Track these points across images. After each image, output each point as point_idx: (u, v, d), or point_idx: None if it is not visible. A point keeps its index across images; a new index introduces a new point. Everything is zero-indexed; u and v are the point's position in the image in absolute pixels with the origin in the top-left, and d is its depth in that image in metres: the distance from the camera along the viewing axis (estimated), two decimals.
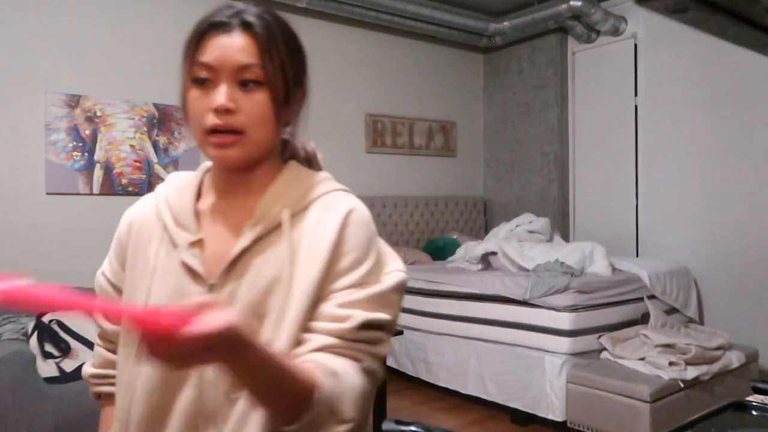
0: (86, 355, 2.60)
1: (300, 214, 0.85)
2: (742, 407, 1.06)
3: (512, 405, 3.19)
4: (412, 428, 0.85)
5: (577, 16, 4.55)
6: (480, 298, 3.44)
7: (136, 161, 3.66)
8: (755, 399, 1.08)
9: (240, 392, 0.78)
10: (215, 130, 0.81)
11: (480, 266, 3.90)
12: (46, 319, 2.69)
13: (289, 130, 0.94)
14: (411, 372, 3.80)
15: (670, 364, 2.81)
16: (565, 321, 3.04)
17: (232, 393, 0.79)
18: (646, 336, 3.06)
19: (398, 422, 0.86)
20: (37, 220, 3.32)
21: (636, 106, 4.53)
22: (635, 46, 4.53)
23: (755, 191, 3.87)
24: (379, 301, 0.81)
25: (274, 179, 0.88)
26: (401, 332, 2.84)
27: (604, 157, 4.74)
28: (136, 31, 3.66)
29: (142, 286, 0.87)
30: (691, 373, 2.82)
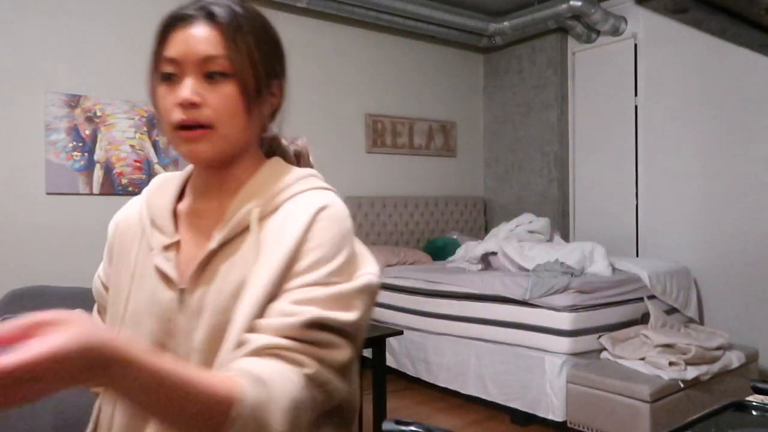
0: None
1: (271, 214, 0.80)
2: (742, 407, 1.06)
3: (512, 405, 3.19)
4: (412, 428, 0.84)
5: (577, 16, 4.55)
6: (480, 298, 3.44)
7: (136, 161, 3.66)
8: (755, 399, 1.08)
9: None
10: (183, 126, 0.78)
11: (480, 266, 3.90)
12: None
13: (275, 125, 0.90)
14: (411, 372, 3.80)
15: (670, 364, 2.81)
16: (565, 321, 3.03)
17: None
18: (646, 336, 3.06)
19: (398, 422, 0.85)
20: (37, 220, 3.32)
21: (636, 106, 4.53)
22: (635, 46, 4.53)
23: (755, 191, 3.87)
24: (339, 301, 0.73)
25: (251, 178, 0.84)
26: (401, 332, 2.84)
27: (604, 157, 4.74)
28: (136, 31, 3.65)
29: (123, 289, 0.85)
30: (691, 373, 2.82)
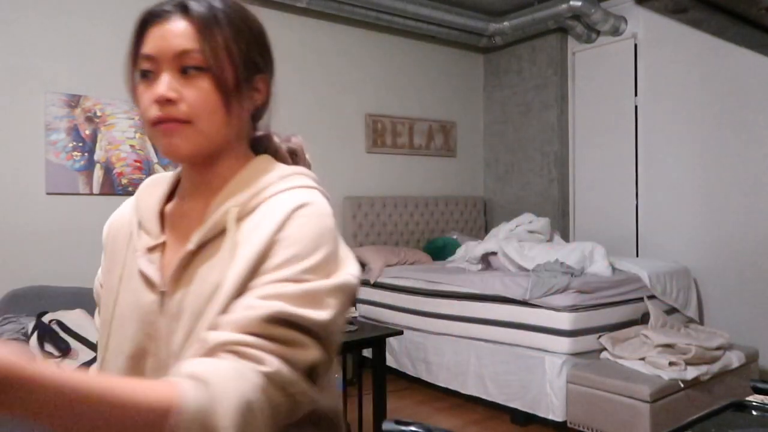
0: (86, 355, 2.60)
1: (250, 213, 0.77)
2: (742, 407, 1.06)
3: (512, 405, 3.19)
4: (412, 428, 0.84)
5: (577, 16, 4.55)
6: (480, 298, 3.44)
7: (136, 161, 3.66)
8: (755, 399, 1.08)
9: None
10: (159, 122, 0.76)
11: (480, 266, 3.90)
12: (46, 319, 2.70)
13: (263, 123, 0.88)
14: (411, 372, 3.80)
15: (670, 364, 2.81)
16: (565, 321, 3.03)
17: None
18: (646, 336, 3.06)
19: (398, 422, 0.85)
20: (37, 220, 3.32)
21: (636, 106, 4.53)
22: (635, 46, 4.53)
23: (755, 191, 3.87)
24: (309, 298, 0.69)
25: (235, 176, 0.82)
26: (401, 332, 2.84)
27: (604, 157, 4.74)
28: None
29: (112, 292, 0.84)
30: (691, 373, 2.82)
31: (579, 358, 3.03)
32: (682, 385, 2.78)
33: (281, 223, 0.73)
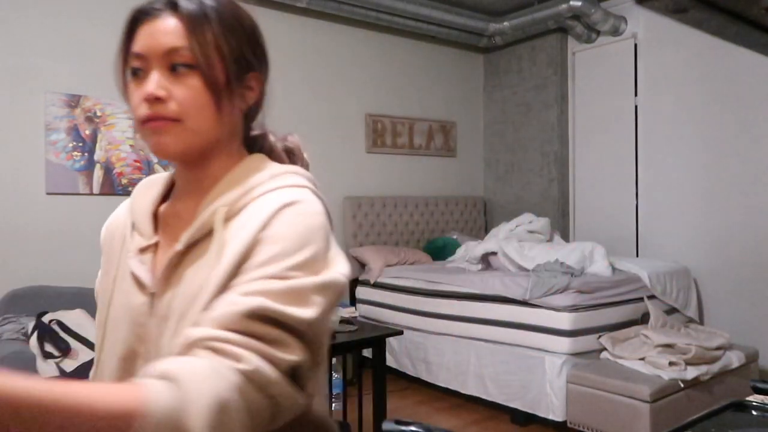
0: (86, 355, 2.60)
1: (238, 213, 0.75)
2: (742, 407, 1.06)
3: (512, 405, 3.19)
4: (412, 428, 0.83)
5: (577, 16, 4.55)
6: (480, 298, 3.44)
7: (136, 161, 3.66)
8: (755, 399, 1.08)
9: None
10: (148, 120, 0.76)
11: (480, 266, 3.90)
12: (46, 319, 2.70)
13: (259, 121, 0.87)
14: (411, 372, 3.80)
15: (670, 364, 2.81)
16: (565, 321, 3.04)
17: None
18: (646, 336, 3.06)
19: (398, 422, 0.85)
20: (37, 220, 3.32)
21: (636, 106, 4.53)
22: (635, 46, 4.53)
23: (755, 191, 3.87)
24: (294, 295, 0.67)
25: (227, 175, 0.81)
26: (401, 332, 2.84)
27: (604, 158, 4.74)
28: None
29: (107, 293, 0.84)
30: (691, 373, 2.82)
31: (579, 358, 3.04)
32: (682, 385, 2.78)
33: (266, 221, 0.71)
